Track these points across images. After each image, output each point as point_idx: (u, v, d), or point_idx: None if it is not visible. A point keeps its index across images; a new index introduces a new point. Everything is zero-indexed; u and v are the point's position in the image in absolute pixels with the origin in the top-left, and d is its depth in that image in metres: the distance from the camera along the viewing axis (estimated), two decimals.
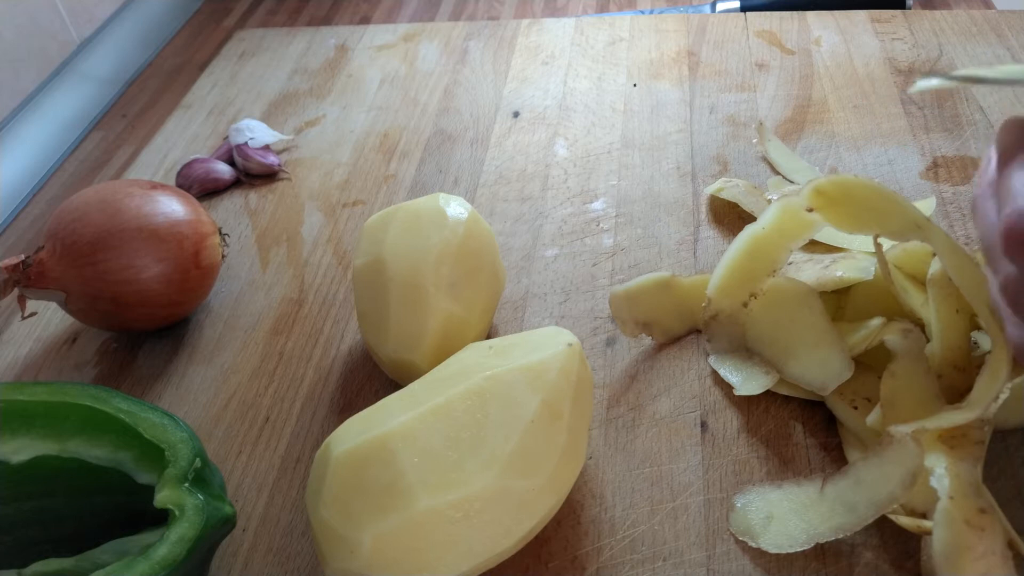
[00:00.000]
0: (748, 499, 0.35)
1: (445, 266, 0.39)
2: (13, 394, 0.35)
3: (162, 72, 0.73)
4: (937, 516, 0.31)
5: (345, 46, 0.71)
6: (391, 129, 0.61)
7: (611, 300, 0.42)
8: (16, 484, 0.35)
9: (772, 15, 0.67)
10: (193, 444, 0.34)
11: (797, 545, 0.33)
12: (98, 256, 0.42)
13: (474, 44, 0.69)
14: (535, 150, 0.57)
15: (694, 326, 0.43)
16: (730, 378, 0.40)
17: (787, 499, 0.34)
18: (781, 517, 0.34)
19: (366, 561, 0.29)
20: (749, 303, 0.41)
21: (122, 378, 0.45)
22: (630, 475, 0.37)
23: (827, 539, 0.32)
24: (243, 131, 0.58)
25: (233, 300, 0.49)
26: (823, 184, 0.37)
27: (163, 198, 0.44)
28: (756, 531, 0.34)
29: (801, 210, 0.38)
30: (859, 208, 0.37)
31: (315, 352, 0.45)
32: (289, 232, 0.53)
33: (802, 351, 0.38)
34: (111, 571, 0.30)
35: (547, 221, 0.51)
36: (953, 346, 0.36)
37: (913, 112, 0.55)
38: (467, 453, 0.31)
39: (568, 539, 0.35)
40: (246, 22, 0.80)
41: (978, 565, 0.30)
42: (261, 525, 0.38)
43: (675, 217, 0.50)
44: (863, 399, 0.37)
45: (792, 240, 0.39)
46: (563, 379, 0.33)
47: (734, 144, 0.55)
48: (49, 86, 0.65)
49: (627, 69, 0.63)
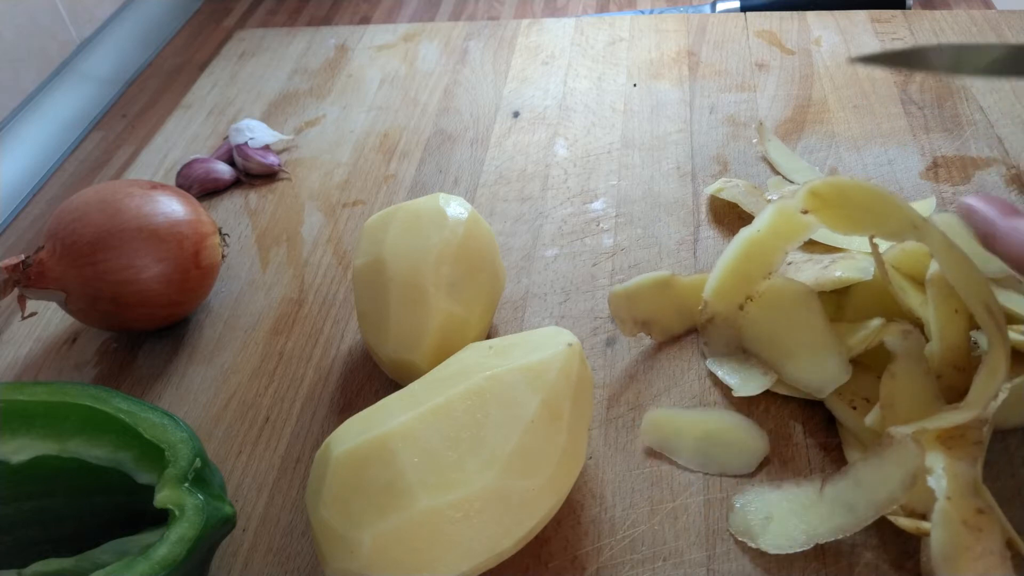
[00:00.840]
0: (747, 499, 0.35)
1: (445, 266, 0.39)
2: (13, 394, 0.35)
3: (162, 72, 0.73)
4: (935, 517, 0.31)
5: (345, 46, 0.71)
6: (391, 129, 0.61)
7: (610, 299, 0.42)
8: (16, 484, 0.35)
9: (772, 15, 0.67)
10: (193, 444, 0.34)
11: (796, 546, 0.33)
12: (98, 256, 0.42)
13: (474, 44, 0.69)
14: (535, 150, 0.57)
15: (693, 325, 0.43)
16: (728, 380, 0.40)
17: (786, 500, 0.34)
18: (780, 518, 0.34)
19: (366, 561, 0.29)
20: (745, 306, 0.41)
21: (122, 378, 0.45)
22: (630, 475, 0.37)
23: (826, 540, 0.32)
24: (243, 131, 0.58)
25: (233, 300, 0.49)
26: (818, 186, 0.37)
27: (163, 198, 0.44)
28: (755, 531, 0.34)
29: (796, 212, 0.38)
30: (855, 210, 0.37)
31: (315, 352, 0.45)
32: (289, 232, 0.53)
33: (800, 353, 0.38)
34: (111, 571, 0.30)
35: (547, 221, 0.51)
36: (952, 346, 0.36)
37: (913, 112, 0.55)
38: (467, 453, 0.31)
39: (568, 539, 0.35)
40: (246, 22, 0.80)
41: (977, 565, 0.30)
42: (261, 525, 0.38)
43: (675, 217, 0.50)
44: (862, 399, 0.37)
45: (787, 242, 0.39)
46: (563, 379, 0.33)
47: (734, 144, 0.55)
48: (49, 86, 0.65)
49: (627, 69, 0.63)
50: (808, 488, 0.34)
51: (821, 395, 0.37)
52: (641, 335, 0.43)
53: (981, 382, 0.33)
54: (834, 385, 0.36)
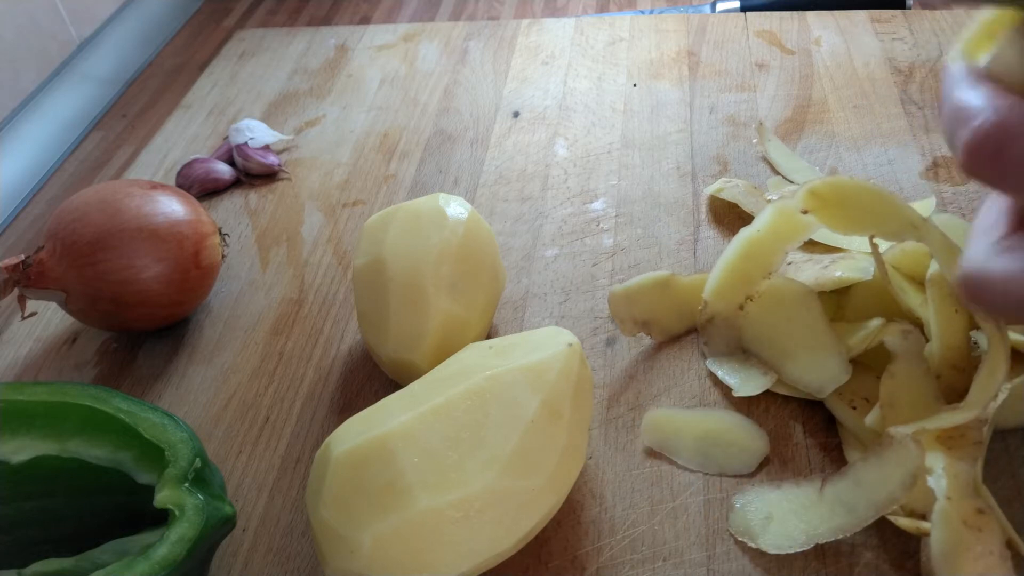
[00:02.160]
0: (747, 499, 0.35)
1: (445, 266, 0.39)
2: (13, 394, 0.35)
3: (162, 72, 0.73)
4: (935, 517, 0.31)
5: (345, 46, 0.71)
6: (391, 129, 0.61)
7: (610, 299, 0.42)
8: (16, 484, 0.35)
9: (772, 15, 0.67)
10: (193, 444, 0.34)
11: (797, 546, 0.33)
12: (98, 256, 0.42)
13: (474, 44, 0.69)
14: (535, 150, 0.57)
15: (693, 325, 0.43)
16: (728, 380, 0.40)
17: (786, 500, 0.34)
18: (780, 517, 0.34)
19: (366, 561, 0.29)
20: (745, 306, 0.41)
21: (122, 378, 0.45)
22: (630, 475, 0.37)
23: (826, 540, 0.32)
24: (243, 131, 0.58)
25: (233, 300, 0.49)
26: (818, 186, 0.37)
27: (163, 198, 0.44)
28: (755, 531, 0.34)
29: (796, 212, 0.38)
30: (854, 210, 0.37)
31: (315, 352, 0.45)
32: (289, 232, 0.53)
33: (800, 353, 0.38)
34: (111, 571, 0.30)
35: (547, 221, 0.51)
36: (952, 346, 0.36)
37: (913, 112, 0.55)
38: (467, 453, 0.31)
39: (568, 539, 0.35)
40: (246, 22, 0.80)
41: (977, 565, 0.30)
42: (261, 525, 0.38)
43: (675, 217, 0.50)
44: (862, 399, 0.37)
45: (787, 243, 0.39)
46: (563, 379, 0.33)
47: (734, 144, 0.55)
48: (49, 86, 0.65)
49: (627, 69, 0.63)
50: (808, 488, 0.34)
51: (821, 395, 0.37)
52: (641, 335, 0.43)
53: (981, 382, 0.33)
54: (834, 385, 0.36)
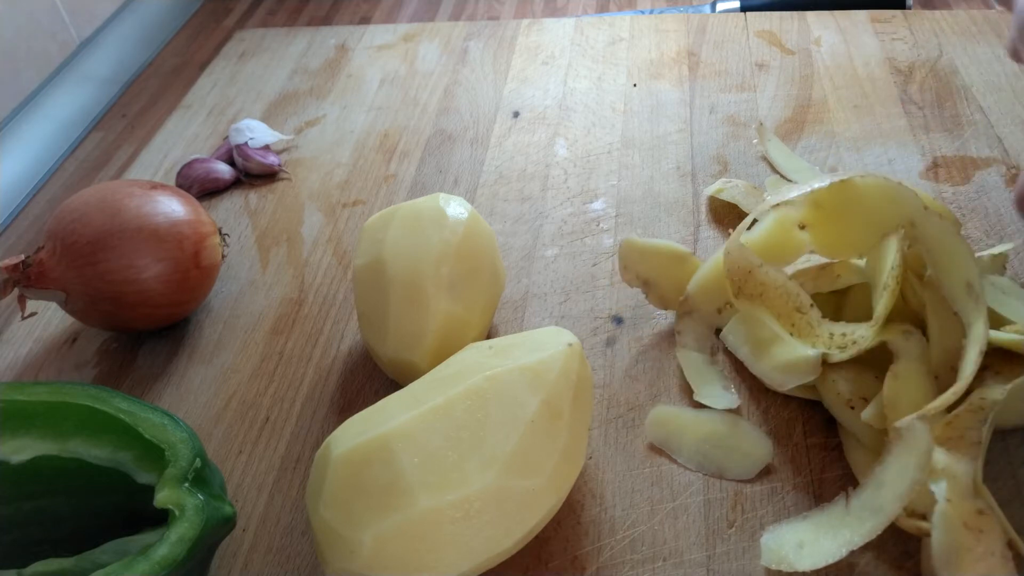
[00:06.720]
0: (776, 534, 0.34)
1: (445, 266, 0.39)
2: (13, 394, 0.35)
3: (162, 72, 0.73)
4: (935, 519, 0.31)
5: (345, 46, 0.71)
6: (391, 129, 0.61)
7: (624, 244, 0.42)
8: (16, 484, 0.35)
9: (772, 15, 0.67)
10: (193, 444, 0.34)
11: (831, 558, 0.32)
12: (98, 256, 0.42)
13: (474, 44, 0.69)
14: (535, 150, 0.57)
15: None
16: (692, 380, 0.40)
17: (815, 525, 0.33)
18: (812, 541, 0.33)
19: (366, 561, 0.29)
20: (724, 310, 0.42)
21: (122, 378, 0.45)
22: (630, 475, 0.37)
23: (858, 545, 0.31)
24: (243, 131, 0.58)
25: (233, 300, 0.49)
26: (820, 193, 0.37)
27: (163, 198, 0.44)
28: (791, 560, 0.33)
29: (794, 226, 0.38)
30: (855, 218, 0.37)
31: (315, 352, 0.45)
32: (289, 232, 0.53)
33: (774, 347, 0.38)
34: (111, 571, 0.30)
35: (547, 221, 0.51)
36: (950, 348, 0.36)
37: (913, 112, 0.55)
38: (467, 453, 0.31)
39: (568, 539, 0.35)
40: (246, 22, 0.80)
41: (977, 566, 0.30)
42: (261, 525, 0.38)
43: (675, 217, 0.50)
44: (860, 399, 0.37)
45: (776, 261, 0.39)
46: (563, 379, 0.33)
47: (734, 144, 0.55)
48: (49, 86, 0.65)
49: (627, 69, 0.63)
50: (834, 509, 0.33)
51: (782, 388, 0.38)
52: (640, 331, 0.43)
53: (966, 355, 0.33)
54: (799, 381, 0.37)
